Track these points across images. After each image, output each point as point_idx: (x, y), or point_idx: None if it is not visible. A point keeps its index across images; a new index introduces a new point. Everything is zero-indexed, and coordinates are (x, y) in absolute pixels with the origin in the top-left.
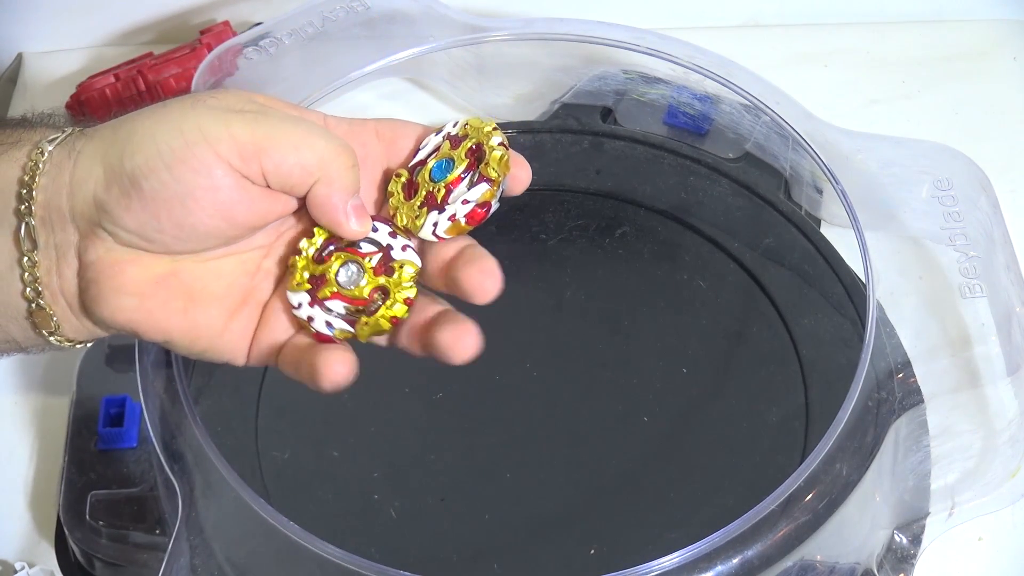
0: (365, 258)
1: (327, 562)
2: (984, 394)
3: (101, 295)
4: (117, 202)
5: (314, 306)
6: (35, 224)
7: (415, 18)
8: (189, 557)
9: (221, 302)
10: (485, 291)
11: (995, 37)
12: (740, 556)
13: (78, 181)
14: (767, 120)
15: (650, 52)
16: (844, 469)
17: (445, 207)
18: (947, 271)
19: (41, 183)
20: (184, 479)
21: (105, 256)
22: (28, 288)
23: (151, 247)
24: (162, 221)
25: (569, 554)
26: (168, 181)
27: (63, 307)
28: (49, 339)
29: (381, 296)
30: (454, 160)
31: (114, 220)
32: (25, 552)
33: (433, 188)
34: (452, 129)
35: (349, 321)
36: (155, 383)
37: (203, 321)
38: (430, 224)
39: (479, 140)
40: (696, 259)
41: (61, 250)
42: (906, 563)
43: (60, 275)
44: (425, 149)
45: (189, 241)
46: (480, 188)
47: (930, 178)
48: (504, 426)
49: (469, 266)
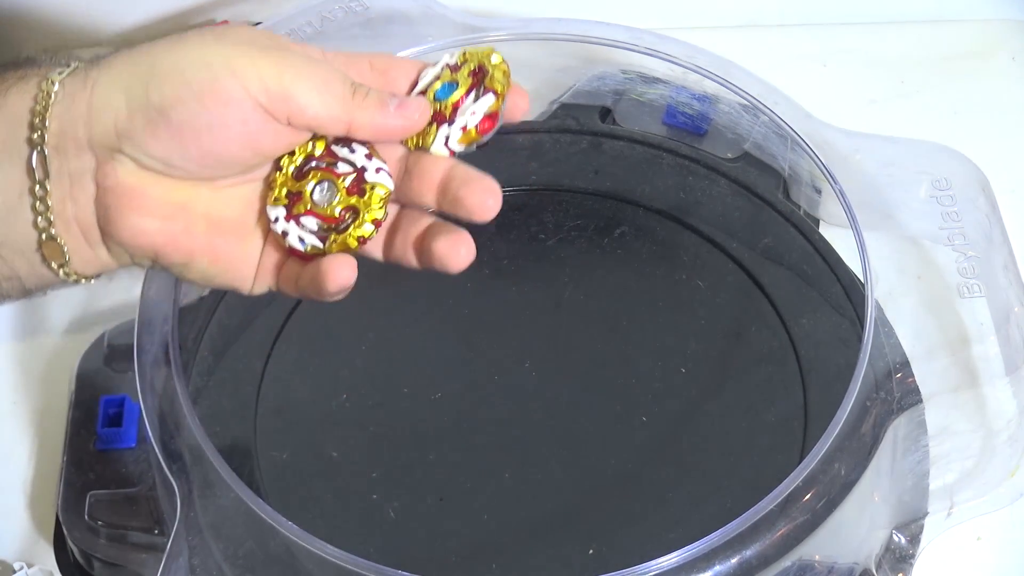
0: (340, 178)
1: (325, 562)
2: (983, 394)
3: (123, 217)
4: (143, 131)
5: (289, 221)
6: (48, 152)
7: (414, 18)
8: (188, 557)
9: (236, 228)
10: (487, 208)
11: (994, 37)
12: (738, 556)
13: (97, 110)
14: (766, 120)
15: (649, 52)
16: (842, 469)
17: (455, 120)
18: (945, 271)
19: (54, 112)
20: (183, 479)
21: (125, 180)
22: (39, 218)
23: (173, 172)
24: (189, 149)
25: (568, 554)
26: (198, 111)
27: (76, 236)
28: (58, 272)
29: (352, 215)
30: (458, 82)
31: (139, 147)
32: (24, 552)
33: (439, 106)
34: (450, 60)
35: (321, 238)
36: (154, 383)
37: (221, 244)
38: (441, 137)
39: (480, 62)
40: (695, 259)
41: (75, 177)
42: (905, 563)
43: (75, 202)
44: (424, 80)
45: (213, 168)
46: (487, 99)
47: (929, 178)
48: (503, 426)
49: (469, 185)
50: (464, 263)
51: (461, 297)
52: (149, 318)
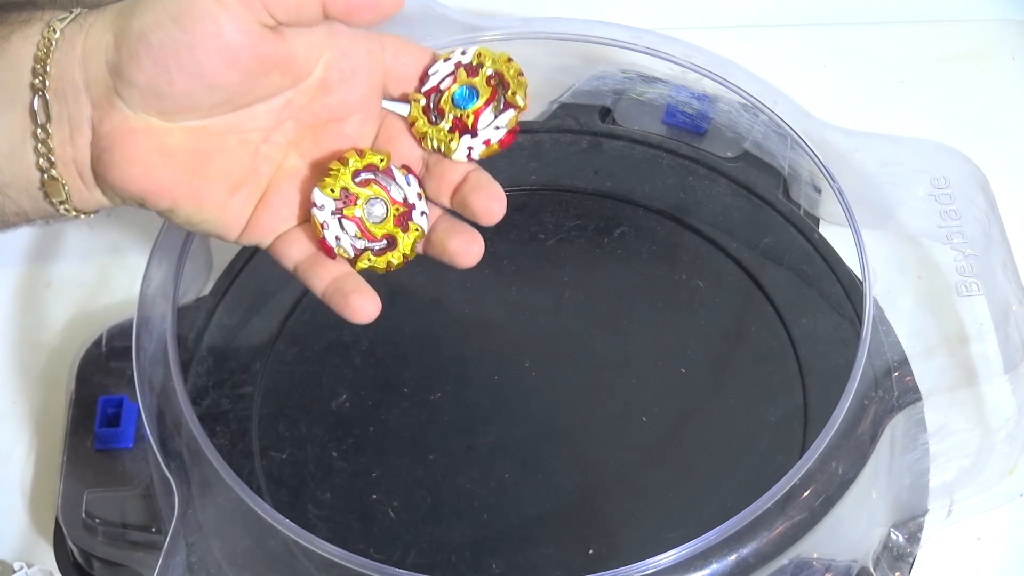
0: (394, 204)
1: (325, 561)
2: (981, 392)
3: (113, 163)
4: (128, 61)
5: (335, 216)
6: (49, 97)
7: (413, 17)
8: (185, 555)
9: (223, 177)
10: (492, 214)
11: (994, 37)
12: (736, 554)
13: (90, 50)
14: (765, 119)
15: (649, 52)
16: (841, 467)
17: (478, 132)
18: (944, 269)
19: (55, 58)
20: (181, 478)
21: (119, 126)
22: (41, 159)
23: (163, 107)
24: (172, 72)
25: (568, 553)
26: (174, 32)
27: (74, 177)
28: (59, 208)
29: (389, 244)
30: (477, 88)
31: (126, 79)
32: (23, 552)
33: (461, 114)
34: (462, 58)
35: (354, 248)
36: (152, 382)
37: (206, 193)
38: (464, 148)
39: (498, 69)
40: (694, 259)
41: (74, 122)
42: (903, 561)
43: (74, 145)
44: (437, 76)
45: (198, 95)
46: (508, 114)
47: (928, 177)
48: (503, 426)
49: (478, 191)
50: (475, 261)
51: (461, 297)
52: (148, 317)
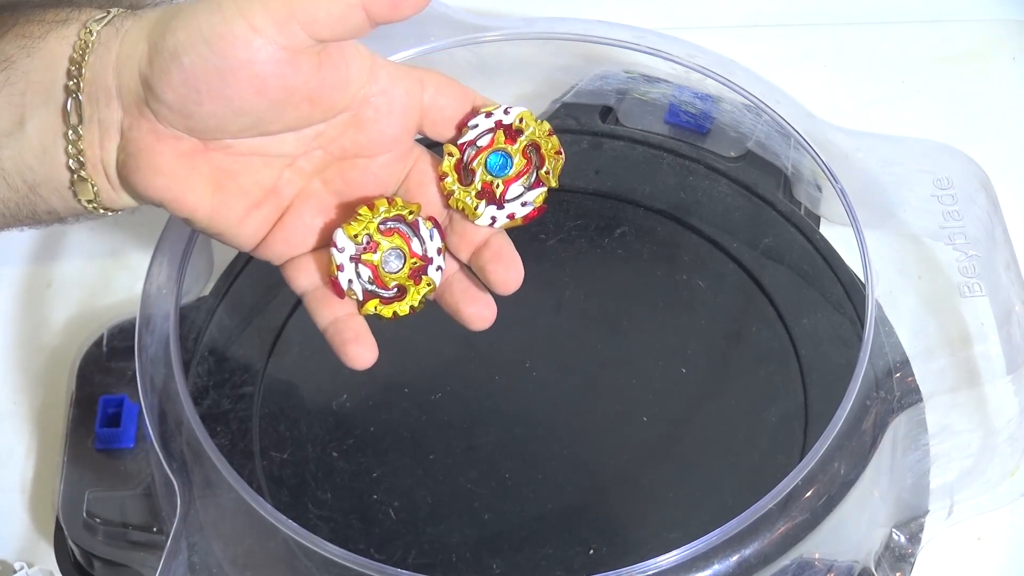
0: (412, 258)
1: (326, 561)
2: (983, 393)
3: (138, 170)
4: (159, 77)
5: (352, 261)
6: (83, 99)
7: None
8: (187, 555)
9: (244, 195)
10: (508, 285)
11: (995, 37)
12: (738, 555)
13: (124, 58)
14: (767, 119)
15: (651, 52)
16: (842, 468)
17: (504, 205)
18: (947, 270)
19: (90, 61)
20: (183, 478)
21: (146, 136)
22: (71, 160)
23: (190, 125)
24: (201, 94)
25: (568, 553)
26: (207, 54)
27: (102, 178)
28: (87, 207)
29: (399, 294)
30: (511, 156)
31: (156, 95)
32: (24, 552)
33: (491, 182)
34: (504, 117)
35: (364, 292)
36: (154, 382)
37: (224, 208)
38: (488, 217)
39: (535, 140)
40: (695, 259)
41: (104, 125)
42: (904, 561)
43: (103, 148)
44: (474, 131)
45: (226, 118)
46: (537, 191)
47: (930, 177)
48: (503, 426)
49: (497, 262)
50: (486, 326)
51: None
52: (150, 317)
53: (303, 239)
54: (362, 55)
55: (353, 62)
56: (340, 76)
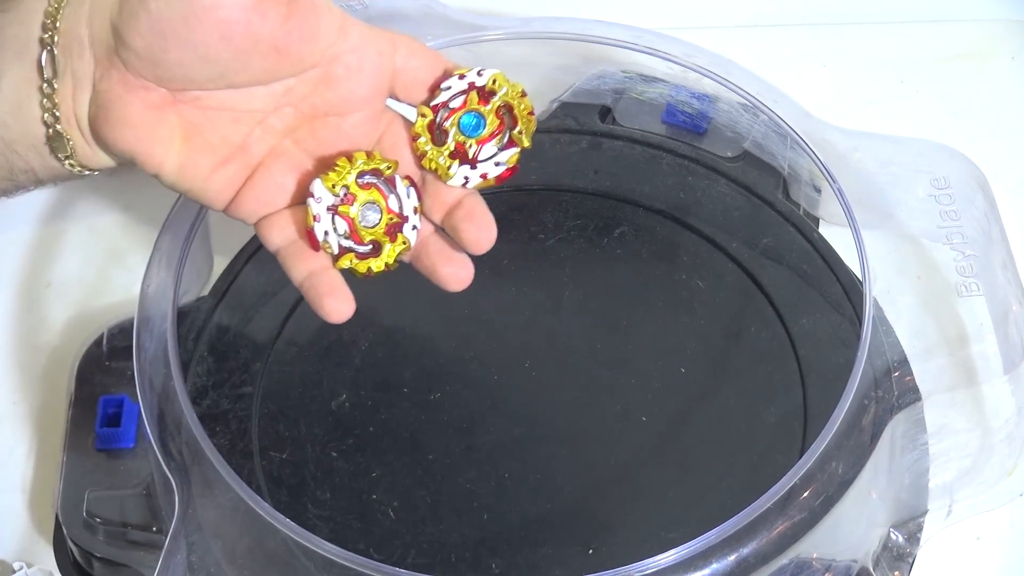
0: (388, 213)
1: (325, 560)
2: (981, 392)
3: (107, 122)
4: (127, 23)
5: (328, 212)
6: (57, 52)
7: (414, 17)
8: (186, 554)
9: (212, 150)
10: (480, 244)
11: (994, 37)
12: (736, 554)
13: (97, 6)
14: (765, 119)
15: (649, 51)
16: (840, 467)
17: (477, 164)
18: (944, 269)
19: (64, 12)
20: (182, 477)
21: (116, 86)
22: (47, 114)
23: (158, 73)
24: (168, 41)
25: (568, 553)
26: (173, 1)
27: (76, 133)
28: (65, 164)
29: (374, 250)
30: (484, 117)
31: (125, 42)
32: (23, 552)
33: (464, 142)
34: (477, 79)
35: (339, 246)
36: (153, 382)
37: (191, 162)
38: (460, 176)
39: (509, 102)
40: (694, 259)
41: (78, 77)
42: (902, 561)
43: (76, 101)
44: (448, 92)
45: (192, 66)
46: (510, 151)
47: (928, 177)
48: (503, 426)
49: (469, 221)
50: (463, 286)
51: (461, 297)
52: (148, 317)
53: (275, 197)
54: (333, 12)
55: (323, 16)
56: (308, 28)
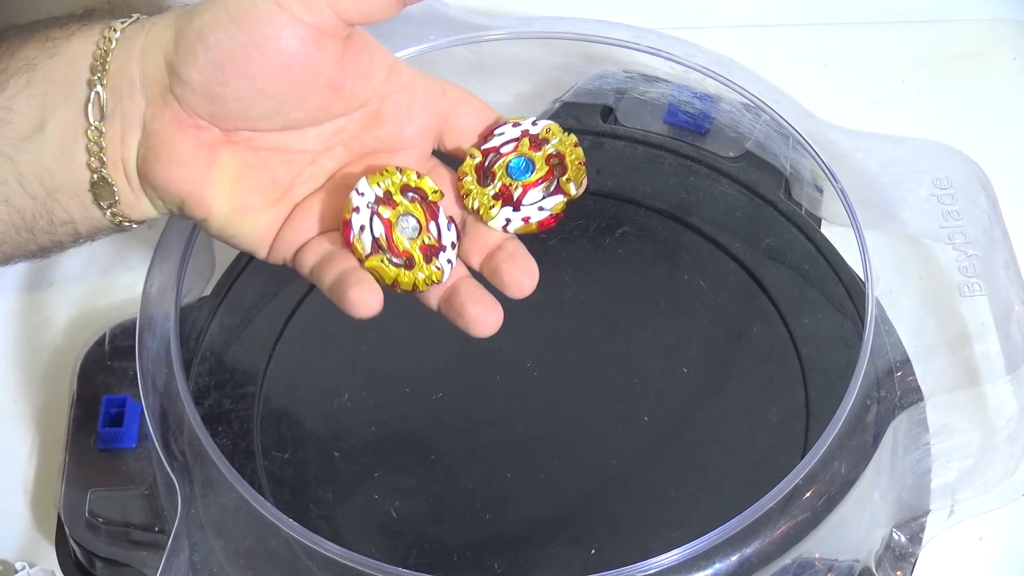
0: (426, 232)
1: (327, 560)
2: (983, 392)
3: (158, 162)
4: (185, 58)
5: (369, 208)
6: (106, 93)
7: (415, 17)
8: (188, 554)
9: (263, 191)
10: (522, 287)
11: (995, 37)
12: (739, 554)
13: (150, 46)
14: (767, 119)
15: (651, 51)
16: (843, 467)
17: (520, 207)
18: (946, 269)
19: (115, 53)
20: (184, 477)
21: (168, 126)
22: (93, 158)
23: (213, 110)
24: (226, 73)
25: (569, 553)
26: (232, 31)
27: (122, 179)
28: (107, 213)
29: (407, 264)
30: (534, 163)
31: (181, 77)
32: (25, 552)
33: (510, 184)
34: (531, 127)
35: (372, 246)
36: (155, 382)
37: (241, 204)
38: (502, 218)
39: (561, 151)
40: (696, 259)
41: (127, 119)
42: (905, 561)
43: (124, 144)
44: (500, 137)
45: (249, 100)
46: (556, 199)
47: (929, 177)
48: (504, 426)
49: (511, 262)
50: (492, 331)
51: None
52: (151, 317)
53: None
54: (384, 52)
55: (376, 55)
56: (363, 66)
